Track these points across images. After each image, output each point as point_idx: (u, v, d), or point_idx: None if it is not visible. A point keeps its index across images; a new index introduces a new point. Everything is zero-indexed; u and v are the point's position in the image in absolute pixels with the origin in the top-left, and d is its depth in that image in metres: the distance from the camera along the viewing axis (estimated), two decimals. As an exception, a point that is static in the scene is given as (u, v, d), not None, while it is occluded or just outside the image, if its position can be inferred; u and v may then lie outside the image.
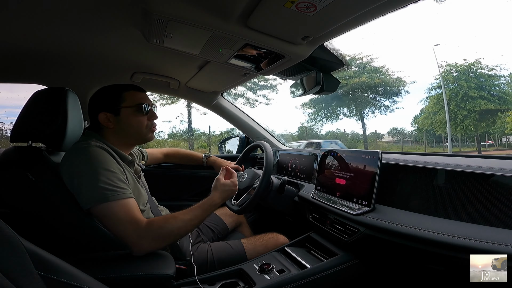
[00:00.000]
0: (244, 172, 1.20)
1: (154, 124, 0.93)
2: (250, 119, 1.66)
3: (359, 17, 0.65)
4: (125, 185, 0.77)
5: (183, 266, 0.87)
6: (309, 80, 1.09)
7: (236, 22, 0.72)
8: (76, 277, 0.46)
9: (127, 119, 0.86)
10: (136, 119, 0.87)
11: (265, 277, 0.83)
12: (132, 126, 0.87)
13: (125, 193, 0.75)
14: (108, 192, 0.72)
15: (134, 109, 0.87)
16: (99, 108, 0.85)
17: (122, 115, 0.86)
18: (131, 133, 0.88)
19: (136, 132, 0.88)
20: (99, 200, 0.71)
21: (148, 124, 0.90)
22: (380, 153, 0.82)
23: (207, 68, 1.18)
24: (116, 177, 0.76)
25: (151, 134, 0.92)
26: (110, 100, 0.86)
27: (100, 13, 0.78)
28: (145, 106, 0.88)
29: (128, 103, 0.87)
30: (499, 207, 0.60)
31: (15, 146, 0.82)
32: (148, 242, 0.73)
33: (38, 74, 1.22)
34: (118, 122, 0.86)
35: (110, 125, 0.85)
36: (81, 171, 0.74)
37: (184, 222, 0.79)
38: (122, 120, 0.86)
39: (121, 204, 0.72)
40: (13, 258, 0.37)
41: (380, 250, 0.80)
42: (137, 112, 0.87)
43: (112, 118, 0.85)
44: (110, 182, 0.73)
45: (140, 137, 0.90)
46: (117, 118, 0.86)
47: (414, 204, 0.76)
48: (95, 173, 0.73)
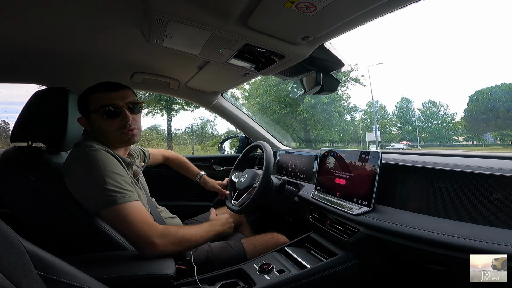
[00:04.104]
0: (244, 172, 1.20)
1: (129, 126, 0.84)
2: (250, 119, 1.66)
3: (359, 17, 0.65)
4: (132, 188, 0.77)
5: (183, 266, 0.87)
6: (309, 80, 1.09)
7: (236, 22, 0.72)
8: (75, 277, 0.46)
9: (99, 123, 0.83)
10: (105, 122, 0.82)
11: (265, 277, 0.83)
12: (103, 130, 0.83)
13: (134, 196, 0.75)
14: (117, 195, 0.72)
15: (100, 113, 0.82)
16: (79, 111, 0.86)
17: (93, 120, 0.84)
18: (105, 137, 0.84)
19: (108, 135, 0.84)
20: (109, 203, 0.71)
21: (119, 127, 0.83)
22: (380, 153, 0.82)
23: (207, 68, 1.18)
24: (124, 180, 0.76)
25: (127, 136, 0.85)
26: (81, 104, 0.86)
27: (100, 14, 0.78)
28: (110, 108, 0.81)
29: (94, 107, 0.82)
30: (499, 207, 0.60)
31: (15, 146, 0.82)
32: (162, 243, 0.73)
33: (38, 74, 1.22)
34: (92, 126, 0.85)
35: (88, 128, 0.85)
36: (88, 175, 0.73)
37: (196, 231, 0.83)
38: (96, 124, 0.84)
39: (131, 206, 0.73)
40: (13, 258, 0.37)
41: (380, 250, 0.80)
42: (104, 115, 0.82)
43: (87, 122, 0.85)
44: (118, 184, 0.74)
45: (115, 140, 0.85)
46: (90, 122, 0.84)
47: (414, 204, 0.76)
48: (103, 176, 0.72)
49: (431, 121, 22.89)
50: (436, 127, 22.52)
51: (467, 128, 20.99)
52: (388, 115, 24.51)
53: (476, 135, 20.85)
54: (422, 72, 38.24)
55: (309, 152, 1.32)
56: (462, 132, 21.69)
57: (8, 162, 0.78)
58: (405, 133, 23.18)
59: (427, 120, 23.10)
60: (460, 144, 21.56)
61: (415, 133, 22.56)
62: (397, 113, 24.09)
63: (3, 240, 0.37)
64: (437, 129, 22.40)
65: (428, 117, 23.03)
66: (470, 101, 20.08)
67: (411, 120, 23.31)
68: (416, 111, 23.61)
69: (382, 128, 23.62)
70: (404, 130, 23.51)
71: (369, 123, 23.53)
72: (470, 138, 21.43)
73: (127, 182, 0.77)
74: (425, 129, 22.98)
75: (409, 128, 23.24)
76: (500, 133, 19.49)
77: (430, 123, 22.93)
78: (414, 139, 22.25)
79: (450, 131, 22.24)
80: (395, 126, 24.19)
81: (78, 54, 1.07)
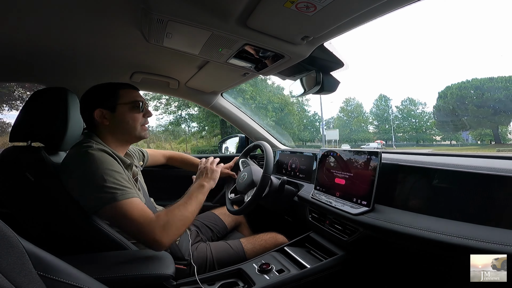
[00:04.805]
0: (243, 171, 1.20)
1: (147, 122, 0.95)
2: (250, 119, 1.66)
3: (359, 17, 0.65)
4: (130, 185, 0.78)
5: (183, 266, 0.87)
6: (308, 80, 1.09)
7: (235, 22, 0.72)
8: (75, 277, 0.46)
9: (123, 116, 0.88)
10: (132, 115, 0.89)
11: (264, 277, 0.83)
12: (128, 123, 0.88)
13: (133, 193, 0.76)
14: (117, 192, 0.72)
15: (130, 106, 0.89)
16: (94, 104, 0.86)
17: (118, 112, 0.87)
18: (126, 130, 0.89)
19: (131, 129, 0.89)
20: (109, 200, 0.71)
21: (142, 122, 0.92)
22: (380, 153, 0.82)
23: (206, 68, 1.18)
24: (122, 177, 0.76)
25: (144, 132, 0.94)
26: (106, 97, 0.87)
27: (99, 13, 0.78)
28: (141, 104, 0.91)
29: (124, 100, 0.88)
30: (499, 207, 0.60)
31: (14, 145, 0.82)
32: (166, 235, 0.73)
33: (38, 74, 1.22)
34: (113, 119, 0.87)
35: (105, 122, 0.86)
36: (86, 174, 0.73)
37: (185, 208, 0.80)
38: (118, 117, 0.87)
39: (130, 202, 0.73)
40: (12, 258, 0.37)
41: (379, 250, 0.80)
42: (133, 109, 0.89)
43: (108, 114, 0.86)
44: (117, 182, 0.74)
45: (134, 134, 0.91)
46: (113, 115, 0.87)
47: (413, 204, 0.76)
48: (101, 174, 0.73)
49: (409, 119, 22.58)
50: (414, 125, 22.23)
51: (437, 126, 20.64)
52: (365, 113, 24.26)
53: (453, 134, 20.49)
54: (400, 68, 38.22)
55: (309, 152, 1.32)
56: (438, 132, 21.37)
57: (7, 162, 0.77)
58: (382, 131, 23.05)
59: (404, 118, 22.79)
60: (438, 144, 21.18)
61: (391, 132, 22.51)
62: (375, 110, 23.88)
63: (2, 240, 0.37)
64: (414, 128, 22.12)
65: (405, 116, 22.68)
66: (439, 97, 19.58)
67: (389, 119, 23.08)
68: (394, 109, 23.40)
69: (358, 127, 23.56)
70: (381, 128, 23.25)
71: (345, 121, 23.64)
72: (448, 137, 21.07)
73: (125, 180, 0.77)
74: (403, 128, 22.70)
75: (386, 127, 23.00)
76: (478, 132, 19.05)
77: (408, 122, 22.62)
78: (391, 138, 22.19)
79: (427, 130, 21.96)
80: (372, 124, 24.02)
81: (77, 54, 1.06)
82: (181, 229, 0.77)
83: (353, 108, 24.35)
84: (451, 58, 39.23)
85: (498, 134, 18.18)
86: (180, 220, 0.77)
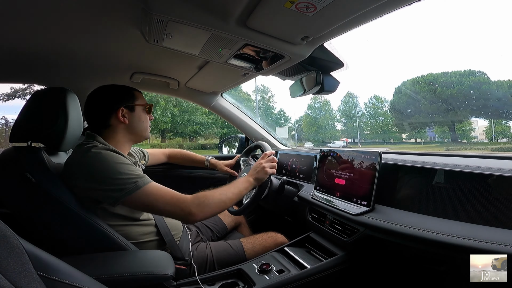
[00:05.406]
0: (243, 171, 1.20)
1: (150, 124, 1.01)
2: (249, 119, 1.66)
3: (359, 17, 0.65)
4: (143, 173, 0.81)
5: (183, 266, 0.87)
6: (308, 80, 1.09)
7: (235, 22, 0.72)
8: (75, 277, 0.46)
9: (140, 116, 0.93)
10: (145, 116, 0.96)
11: (264, 277, 0.83)
12: (142, 123, 0.94)
13: (149, 179, 0.80)
14: (138, 180, 0.77)
15: (143, 108, 0.95)
16: (117, 103, 0.89)
17: (136, 112, 0.93)
18: (140, 130, 0.94)
19: (144, 128, 0.95)
20: (132, 189, 0.75)
21: (150, 123, 0.99)
22: (380, 153, 0.82)
23: (206, 68, 1.18)
24: (135, 168, 0.80)
25: (149, 132, 0.99)
26: (127, 97, 0.92)
27: (99, 14, 0.78)
28: (151, 106, 0.98)
29: (140, 102, 0.95)
30: (499, 207, 0.60)
31: (14, 146, 0.82)
32: (197, 208, 0.78)
33: (38, 75, 1.22)
34: (132, 118, 0.92)
35: (125, 120, 0.90)
36: (101, 171, 0.75)
37: (225, 193, 0.86)
38: (135, 117, 0.92)
39: (153, 186, 0.78)
40: (12, 259, 0.37)
41: (379, 250, 0.80)
42: (145, 110, 0.96)
43: (128, 114, 0.90)
44: (133, 172, 0.78)
45: (145, 134, 0.97)
46: (132, 114, 0.92)
47: (413, 204, 0.76)
48: (116, 168, 0.76)
49: (376, 117, 22.31)
50: (380, 123, 21.94)
51: (394, 123, 20.25)
52: (332, 110, 23.92)
53: (418, 132, 20.05)
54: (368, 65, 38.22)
55: (309, 152, 1.32)
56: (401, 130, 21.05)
57: (7, 162, 0.78)
58: (350, 129, 22.82)
59: (371, 116, 22.49)
60: (405, 142, 20.85)
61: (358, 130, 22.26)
62: (343, 108, 23.58)
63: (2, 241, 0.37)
64: (381, 126, 21.81)
65: (372, 113, 22.40)
66: (395, 93, 19.27)
67: (357, 116, 22.82)
68: (362, 105, 23.08)
69: (326, 124, 23.28)
70: (348, 126, 23.01)
71: (312, 118, 23.28)
72: (413, 135, 20.65)
73: (138, 169, 0.81)
74: (370, 126, 22.43)
75: (354, 125, 22.75)
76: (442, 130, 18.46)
77: (375, 120, 22.34)
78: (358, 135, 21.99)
79: (393, 128, 21.66)
80: (339, 122, 23.74)
81: (77, 55, 1.06)
82: (216, 211, 0.83)
83: (320, 105, 23.99)
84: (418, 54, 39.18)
85: (454, 132, 17.63)
86: (216, 203, 0.82)
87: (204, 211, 0.80)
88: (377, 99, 22.34)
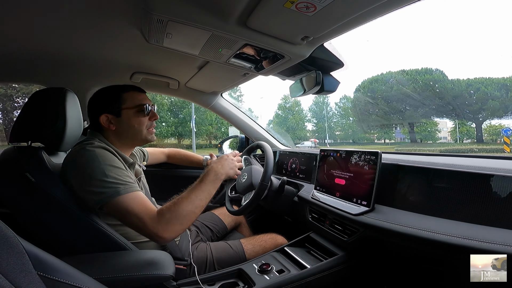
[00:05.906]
0: (244, 170, 1.20)
1: (154, 125, 0.94)
2: (249, 119, 1.66)
3: (359, 17, 0.65)
4: (132, 180, 0.79)
5: (183, 266, 0.87)
6: (308, 80, 1.09)
7: (235, 22, 0.72)
8: (75, 277, 0.46)
9: (129, 120, 0.87)
10: (137, 119, 0.88)
11: (264, 277, 0.83)
12: (133, 127, 0.88)
13: (135, 187, 0.76)
14: (120, 186, 0.73)
15: (135, 110, 0.88)
16: (100, 110, 0.86)
17: (123, 116, 0.87)
18: (132, 134, 0.89)
19: (137, 133, 0.89)
20: (111, 195, 0.72)
21: (148, 125, 0.91)
22: (380, 153, 0.82)
23: (206, 68, 1.18)
24: (123, 173, 0.77)
25: (151, 135, 0.93)
26: (111, 101, 0.87)
27: (99, 14, 0.78)
28: (146, 107, 0.89)
29: (129, 104, 0.88)
30: (499, 207, 0.60)
31: (14, 146, 0.82)
32: (165, 227, 0.73)
33: (38, 75, 1.22)
34: (119, 123, 0.87)
35: (111, 127, 0.86)
36: (88, 170, 0.74)
37: (191, 199, 0.79)
38: (124, 121, 0.87)
39: (132, 197, 0.74)
40: (12, 259, 0.37)
41: (379, 250, 0.80)
42: (138, 113, 0.89)
43: (113, 119, 0.86)
44: (119, 177, 0.75)
45: (141, 138, 0.91)
46: (119, 119, 0.87)
47: (414, 204, 0.76)
48: (103, 170, 0.74)
49: (346, 117, 22.13)
50: (350, 124, 21.79)
51: (356, 122, 20.02)
52: (303, 110, 23.47)
53: (386, 133, 19.89)
54: None
55: (309, 152, 1.32)
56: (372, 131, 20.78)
57: (7, 162, 0.78)
58: (320, 130, 22.62)
59: (342, 116, 22.27)
60: (372, 142, 20.67)
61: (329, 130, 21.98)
62: (314, 108, 23.24)
63: (2, 241, 0.37)
64: (350, 126, 21.67)
65: (343, 113, 22.16)
66: (356, 91, 19.02)
67: (326, 117, 22.56)
68: (333, 106, 22.80)
69: (296, 125, 22.81)
70: (319, 126, 22.74)
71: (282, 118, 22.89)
72: (381, 136, 20.52)
73: (127, 175, 0.78)
74: (340, 126, 22.23)
75: (324, 125, 22.54)
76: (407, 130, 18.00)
77: (345, 120, 22.20)
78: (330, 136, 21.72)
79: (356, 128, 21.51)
80: (310, 122, 23.44)
81: (77, 54, 1.06)
82: (186, 225, 0.76)
83: (291, 105, 23.51)
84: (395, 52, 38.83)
85: (414, 133, 17.40)
86: (185, 215, 0.75)
87: (175, 230, 0.73)
88: (347, 99, 22.16)
